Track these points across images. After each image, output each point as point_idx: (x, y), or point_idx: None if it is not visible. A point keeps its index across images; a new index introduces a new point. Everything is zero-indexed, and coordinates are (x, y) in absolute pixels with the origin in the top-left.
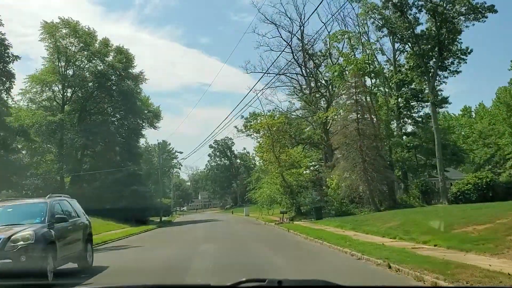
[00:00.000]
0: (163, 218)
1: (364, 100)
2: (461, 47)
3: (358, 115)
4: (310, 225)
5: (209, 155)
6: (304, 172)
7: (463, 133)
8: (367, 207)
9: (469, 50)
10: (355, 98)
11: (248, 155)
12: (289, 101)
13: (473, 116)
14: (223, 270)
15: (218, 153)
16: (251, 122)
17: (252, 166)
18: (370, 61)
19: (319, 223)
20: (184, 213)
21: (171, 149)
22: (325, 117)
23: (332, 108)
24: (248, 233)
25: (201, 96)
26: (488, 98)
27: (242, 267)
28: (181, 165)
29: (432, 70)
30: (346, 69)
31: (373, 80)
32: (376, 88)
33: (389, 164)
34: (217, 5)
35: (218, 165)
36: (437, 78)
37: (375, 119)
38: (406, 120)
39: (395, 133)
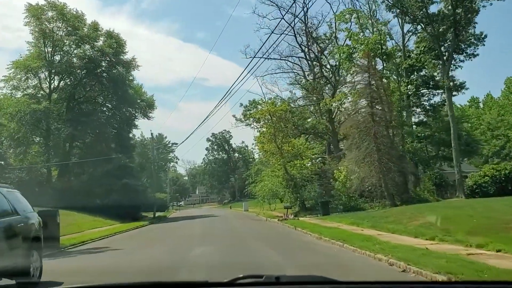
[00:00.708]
0: (158, 214)
1: (377, 82)
2: (475, 31)
3: (372, 99)
4: (318, 221)
5: (206, 148)
6: (308, 164)
7: (469, 124)
8: (378, 201)
9: (483, 36)
10: (368, 80)
11: (246, 148)
12: (290, 91)
13: (481, 107)
14: None
15: (215, 147)
16: (250, 110)
17: (251, 160)
18: (382, 41)
19: (328, 220)
20: (180, 208)
21: (167, 142)
22: (331, 104)
23: (341, 93)
24: (249, 230)
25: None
26: (496, 88)
27: None
28: (178, 159)
29: (447, 53)
30: (355, 51)
31: (384, 63)
32: (389, 72)
33: (400, 155)
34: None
35: (216, 159)
36: (452, 62)
37: (386, 106)
38: (416, 109)
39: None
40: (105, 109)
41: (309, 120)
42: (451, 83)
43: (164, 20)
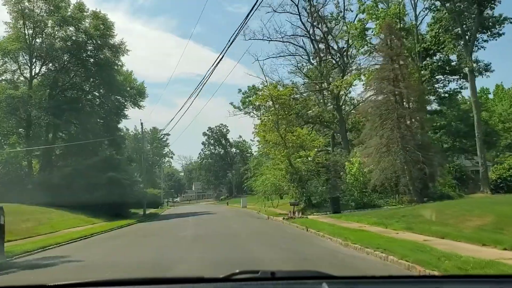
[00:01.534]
0: (150, 211)
1: (399, 57)
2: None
3: (395, 76)
4: (332, 220)
5: (202, 143)
6: (314, 155)
7: (488, 113)
8: (393, 197)
9: (502, 18)
10: (389, 53)
11: (244, 143)
12: (290, 80)
13: (491, 98)
14: None
15: (212, 141)
16: (250, 97)
17: (249, 154)
18: (401, 15)
19: (343, 218)
20: (175, 205)
21: (161, 137)
22: (342, 87)
23: (354, 74)
24: (251, 233)
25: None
26: (506, 79)
27: None
28: (173, 154)
29: (468, 33)
30: (369, 27)
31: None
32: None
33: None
34: None
35: (212, 154)
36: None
37: (409, 86)
38: (430, 97)
39: None
40: (91, 97)
41: (313, 108)
42: (475, 65)
43: (160, 16)
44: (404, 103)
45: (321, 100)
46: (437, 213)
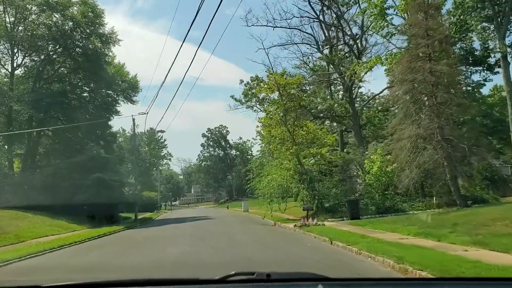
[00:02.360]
0: (145, 215)
1: (435, 31)
2: None
3: (432, 51)
4: (357, 229)
5: (201, 144)
6: (326, 153)
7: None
8: (419, 200)
9: None
10: (424, 27)
11: (244, 145)
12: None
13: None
14: None
15: (211, 143)
16: (253, 89)
17: (249, 156)
18: None
19: (368, 226)
20: (173, 209)
21: (159, 138)
22: (362, 70)
23: (375, 57)
24: (259, 246)
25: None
26: None
27: None
28: (171, 156)
29: (501, 14)
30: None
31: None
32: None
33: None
34: None
35: (212, 156)
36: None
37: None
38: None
39: None
40: (79, 91)
41: (323, 102)
42: (509, 49)
43: (159, 19)
44: (440, 87)
45: (328, 96)
46: (500, 220)
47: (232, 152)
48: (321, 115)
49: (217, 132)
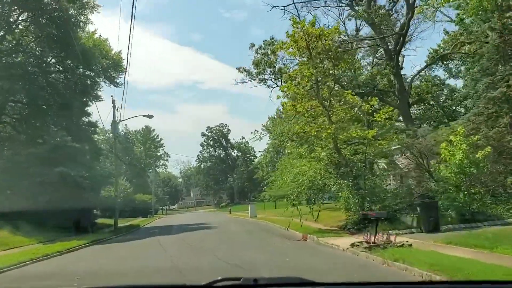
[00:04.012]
0: (134, 221)
1: None
2: None
3: None
4: (487, 257)
5: (201, 144)
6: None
7: None
8: None
9: None
10: None
11: (247, 144)
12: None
13: None
14: None
15: (211, 143)
16: (268, 55)
17: (252, 157)
18: None
19: (479, 246)
20: (169, 213)
21: (155, 136)
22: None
23: None
24: None
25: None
26: None
27: None
28: (169, 156)
29: None
30: None
31: None
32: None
33: None
34: (208, 2)
35: (212, 156)
36: None
37: None
38: None
39: None
40: (45, 66)
41: (358, 73)
42: None
43: (158, 23)
44: None
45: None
46: None
47: (233, 152)
48: (363, 90)
49: (217, 131)
